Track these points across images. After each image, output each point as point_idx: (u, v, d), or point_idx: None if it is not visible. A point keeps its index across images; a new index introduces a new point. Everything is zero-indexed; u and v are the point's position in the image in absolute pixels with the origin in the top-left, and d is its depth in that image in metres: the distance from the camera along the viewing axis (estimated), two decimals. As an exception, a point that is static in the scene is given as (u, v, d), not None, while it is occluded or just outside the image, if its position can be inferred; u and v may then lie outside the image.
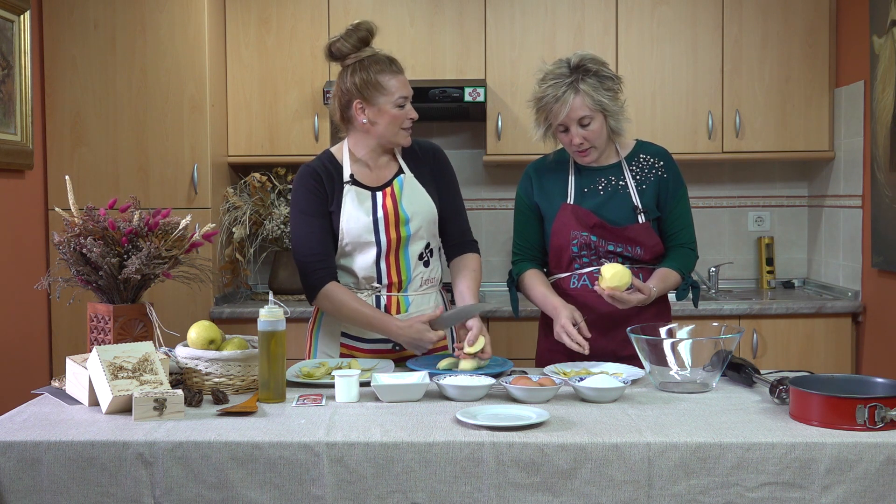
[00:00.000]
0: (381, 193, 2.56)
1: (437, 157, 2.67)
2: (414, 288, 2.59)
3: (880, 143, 3.61)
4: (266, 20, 4.02)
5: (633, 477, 1.77)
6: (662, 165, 2.64)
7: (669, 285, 2.59)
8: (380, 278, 2.56)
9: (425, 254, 2.59)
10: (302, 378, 2.30)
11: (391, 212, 2.53)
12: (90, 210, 2.34)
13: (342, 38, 2.52)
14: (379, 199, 2.55)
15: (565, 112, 2.51)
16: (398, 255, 2.56)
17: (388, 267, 2.56)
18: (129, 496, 1.80)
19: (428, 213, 2.57)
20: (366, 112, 2.52)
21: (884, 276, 3.66)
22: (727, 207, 4.44)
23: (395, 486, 1.78)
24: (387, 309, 2.56)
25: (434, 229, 2.61)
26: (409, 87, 2.56)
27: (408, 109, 2.54)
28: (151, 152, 3.81)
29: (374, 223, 2.53)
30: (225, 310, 3.80)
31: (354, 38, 2.52)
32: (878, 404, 1.81)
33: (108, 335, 2.28)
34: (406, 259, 2.57)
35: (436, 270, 2.65)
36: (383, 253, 2.54)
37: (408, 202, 2.55)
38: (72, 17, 3.77)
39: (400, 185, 2.57)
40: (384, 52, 2.57)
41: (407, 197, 2.56)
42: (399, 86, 2.52)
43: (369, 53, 2.54)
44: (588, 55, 2.55)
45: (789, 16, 4.03)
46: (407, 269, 2.57)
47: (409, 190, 2.57)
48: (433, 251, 2.62)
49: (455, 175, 2.71)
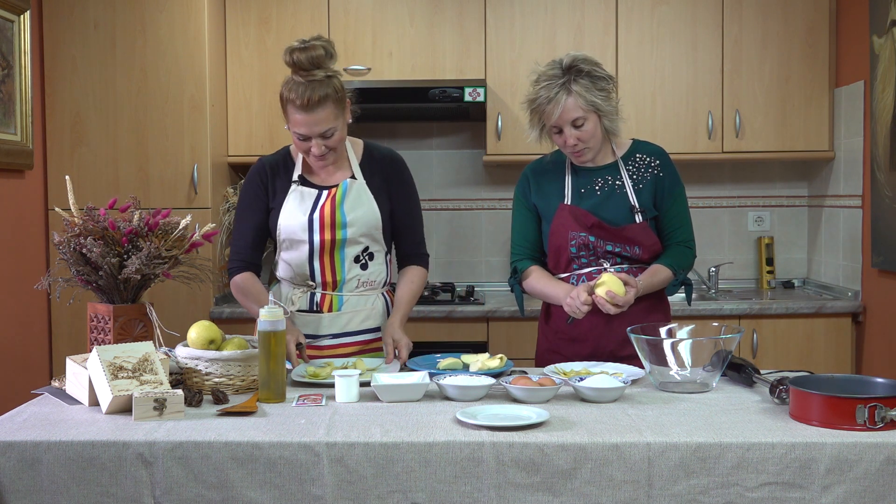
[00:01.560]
0: (326, 193, 2.58)
1: (395, 165, 2.68)
2: (350, 288, 2.62)
3: (880, 143, 3.60)
4: (266, 20, 4.02)
5: (633, 477, 1.77)
6: (659, 164, 2.64)
7: (657, 281, 2.58)
8: (313, 276, 2.61)
9: (363, 257, 2.61)
10: (308, 378, 2.30)
11: (328, 214, 2.56)
12: (90, 210, 2.34)
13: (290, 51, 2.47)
14: (321, 200, 2.57)
15: (558, 113, 2.51)
16: (332, 256, 2.59)
17: (322, 266, 2.59)
18: (129, 496, 1.80)
19: (368, 221, 2.58)
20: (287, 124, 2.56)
21: (884, 276, 3.66)
22: (727, 207, 4.44)
23: (395, 486, 1.78)
24: (320, 306, 2.61)
25: (377, 235, 2.61)
26: (317, 126, 2.46)
27: (307, 145, 2.50)
28: (151, 152, 3.81)
29: (310, 223, 2.56)
30: (225, 310, 3.80)
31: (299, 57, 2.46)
32: (878, 404, 1.81)
33: (108, 335, 2.28)
34: (341, 260, 2.59)
35: (377, 274, 2.65)
36: (316, 252, 2.58)
37: (349, 207, 2.57)
38: (72, 17, 3.77)
39: (344, 189, 2.58)
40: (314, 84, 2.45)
41: (349, 202, 2.57)
42: (296, 122, 2.48)
43: (298, 79, 2.46)
44: (580, 56, 2.55)
45: (789, 16, 4.03)
46: (342, 270, 2.60)
47: (354, 195, 2.58)
48: (374, 255, 2.63)
49: (413, 185, 2.72)
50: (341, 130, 2.53)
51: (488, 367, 2.32)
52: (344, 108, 2.53)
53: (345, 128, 2.56)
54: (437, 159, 4.43)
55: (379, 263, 2.66)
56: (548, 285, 2.63)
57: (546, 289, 2.63)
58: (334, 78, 2.51)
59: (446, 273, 4.43)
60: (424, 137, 4.43)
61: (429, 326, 3.78)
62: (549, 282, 2.63)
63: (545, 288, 2.63)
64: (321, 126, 2.48)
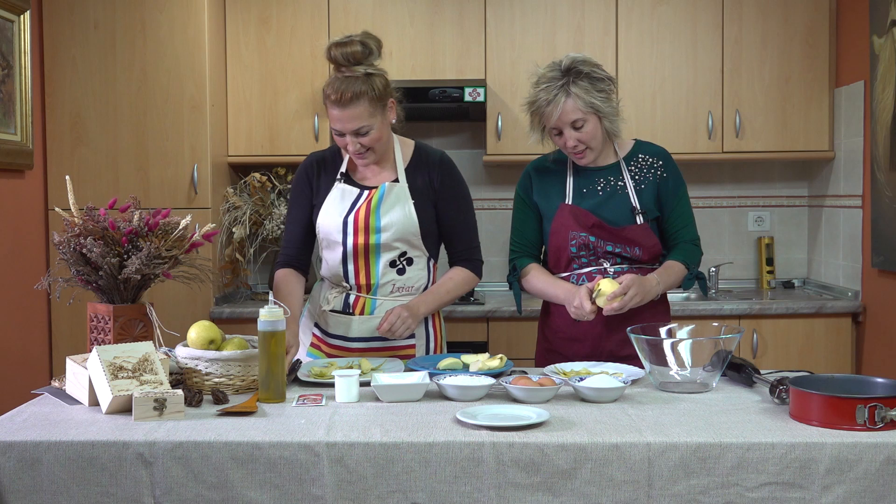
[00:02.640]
0: (366, 195, 2.57)
1: (443, 170, 2.64)
2: (384, 293, 2.60)
3: (880, 143, 3.60)
4: (266, 20, 4.02)
5: (633, 477, 1.77)
6: (661, 165, 2.64)
7: (674, 277, 2.58)
8: (346, 278, 2.60)
9: (399, 262, 2.59)
10: (312, 377, 2.30)
11: (362, 218, 2.54)
12: (90, 210, 2.34)
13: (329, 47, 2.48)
14: (360, 202, 2.56)
15: (557, 115, 2.51)
16: (367, 259, 2.57)
17: (357, 269, 2.58)
18: (129, 496, 1.80)
19: (405, 226, 2.55)
20: None
21: (884, 276, 3.66)
22: (727, 207, 4.44)
23: (395, 486, 1.78)
24: (352, 308, 2.61)
25: (414, 241, 2.58)
26: (351, 123, 2.47)
27: (344, 141, 2.51)
28: (151, 152, 3.81)
29: (343, 225, 2.56)
30: (225, 310, 3.80)
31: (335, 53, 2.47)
32: (878, 404, 1.81)
33: (108, 335, 2.28)
34: (376, 265, 2.58)
35: (416, 280, 2.62)
36: (350, 254, 2.57)
37: (385, 211, 2.55)
38: (72, 17, 3.77)
39: (381, 192, 2.56)
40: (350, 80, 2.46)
41: (386, 206, 2.55)
42: (333, 117, 2.49)
43: (339, 74, 2.48)
44: (580, 57, 2.54)
45: (789, 16, 4.03)
46: (376, 274, 2.58)
47: (392, 199, 2.56)
48: (413, 260, 2.60)
49: (464, 188, 2.67)
50: (378, 130, 2.51)
51: (488, 367, 2.32)
52: (384, 107, 2.52)
53: (385, 127, 2.54)
54: (437, 159, 4.42)
55: (419, 269, 2.62)
56: (548, 284, 2.63)
57: (546, 288, 2.63)
58: (376, 76, 2.49)
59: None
60: (424, 137, 4.43)
61: (429, 326, 3.78)
62: (548, 280, 2.63)
63: (545, 287, 2.63)
64: (355, 123, 2.47)
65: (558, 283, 2.61)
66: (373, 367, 2.39)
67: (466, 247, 2.68)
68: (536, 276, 2.65)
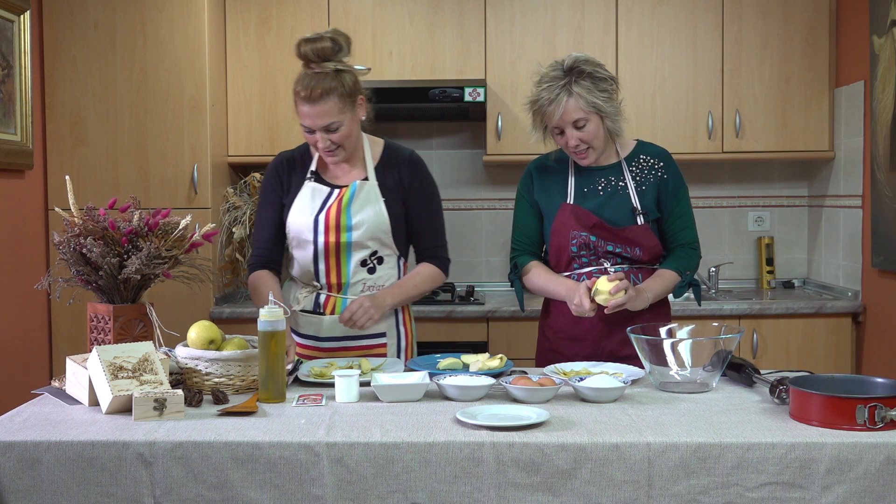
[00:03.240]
0: (337, 193, 2.57)
1: (412, 167, 2.64)
2: (355, 292, 2.60)
3: (880, 143, 3.60)
4: (266, 20, 4.02)
5: (633, 477, 1.77)
6: (662, 166, 2.64)
7: (665, 285, 2.58)
8: (317, 277, 2.60)
9: (370, 261, 2.59)
10: (312, 377, 2.30)
11: (333, 216, 2.55)
12: (90, 210, 2.34)
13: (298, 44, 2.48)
14: (330, 200, 2.57)
15: (559, 114, 2.51)
16: (339, 258, 2.57)
17: (328, 268, 2.58)
18: (129, 496, 1.80)
19: (376, 224, 2.56)
20: None
21: (884, 276, 3.66)
22: (727, 207, 4.44)
23: (395, 486, 1.78)
24: (323, 308, 2.61)
25: (385, 239, 2.59)
26: (321, 119, 2.46)
27: (314, 137, 2.51)
28: (151, 152, 3.81)
29: (315, 224, 2.55)
30: (225, 310, 3.80)
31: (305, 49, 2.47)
32: (878, 404, 1.81)
33: (108, 335, 2.28)
34: (347, 264, 2.58)
35: (386, 278, 2.63)
36: (321, 253, 2.57)
37: (356, 209, 2.55)
38: (72, 17, 3.77)
39: (352, 191, 2.56)
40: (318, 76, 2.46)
41: (357, 204, 2.56)
42: (302, 114, 2.48)
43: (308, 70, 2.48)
44: (582, 56, 2.55)
45: (789, 16, 4.03)
46: (347, 274, 2.58)
47: (363, 197, 2.56)
48: (383, 259, 2.61)
49: (433, 187, 2.69)
50: (348, 126, 2.51)
51: (488, 367, 2.32)
52: (354, 104, 2.51)
53: (355, 124, 2.54)
54: (437, 159, 4.43)
55: (389, 268, 2.63)
56: (549, 281, 2.63)
57: (547, 285, 2.63)
58: (345, 73, 2.49)
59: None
60: (424, 137, 4.43)
61: (429, 326, 3.77)
62: (549, 277, 2.63)
63: (546, 284, 2.63)
64: (325, 119, 2.46)
65: (559, 280, 2.61)
66: (373, 367, 2.39)
67: (434, 244, 2.69)
68: (537, 274, 2.65)
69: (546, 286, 2.63)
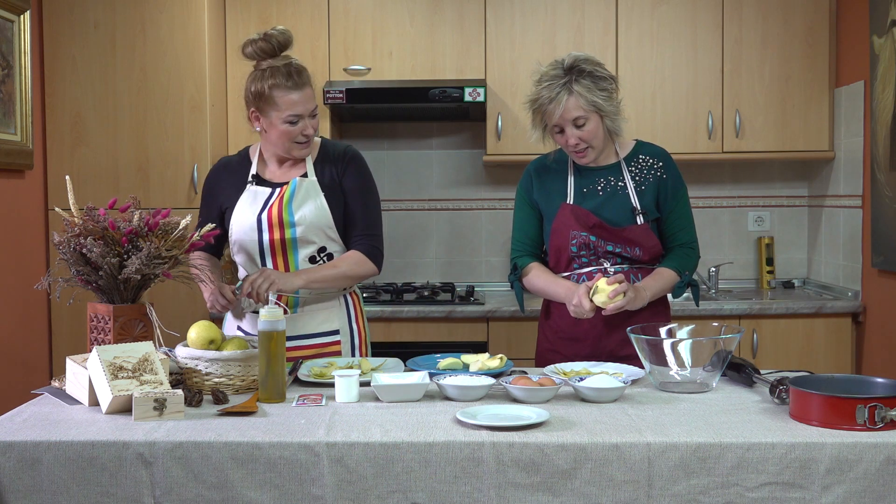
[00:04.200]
0: (277, 192, 2.58)
1: (347, 161, 2.64)
2: (306, 290, 2.58)
3: (880, 143, 3.60)
4: (266, 20, 4.01)
5: (633, 477, 1.77)
6: (662, 166, 2.64)
7: (664, 284, 2.59)
8: None
9: (319, 257, 2.60)
10: (312, 377, 2.30)
11: (276, 213, 2.55)
12: (90, 210, 2.34)
13: (250, 42, 2.50)
14: (272, 199, 2.58)
15: (559, 113, 2.51)
16: (286, 256, 2.58)
17: (275, 267, 2.59)
18: (129, 496, 1.80)
19: (318, 219, 2.56)
20: (260, 121, 2.56)
21: (884, 276, 3.66)
22: (727, 207, 4.44)
23: (395, 486, 1.78)
24: None
25: (331, 234, 2.60)
26: (309, 103, 2.51)
27: (300, 126, 2.52)
28: (151, 152, 3.81)
29: (258, 223, 2.56)
30: (225, 310, 3.80)
31: (263, 45, 2.49)
32: (878, 404, 1.81)
33: (108, 335, 2.28)
34: (294, 260, 2.58)
35: None
36: (267, 252, 2.58)
37: (297, 205, 2.56)
38: (72, 17, 3.77)
39: (293, 188, 2.57)
40: (293, 63, 2.51)
41: (298, 200, 2.56)
42: (290, 103, 2.49)
43: (274, 64, 2.50)
44: (582, 56, 2.55)
45: (789, 16, 4.03)
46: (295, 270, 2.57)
47: (303, 194, 2.57)
48: (332, 255, 2.61)
49: (369, 180, 2.67)
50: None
51: (488, 367, 2.32)
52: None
53: None
54: (437, 159, 4.43)
55: None
56: (548, 283, 2.63)
57: (547, 286, 2.63)
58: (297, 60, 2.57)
59: (446, 273, 4.43)
60: (424, 137, 4.43)
61: (429, 326, 3.78)
62: (549, 279, 2.63)
63: (546, 286, 2.63)
64: (311, 103, 2.53)
65: (559, 282, 2.61)
66: (373, 367, 2.39)
67: (365, 232, 2.64)
68: (537, 275, 2.65)
69: (546, 288, 2.63)
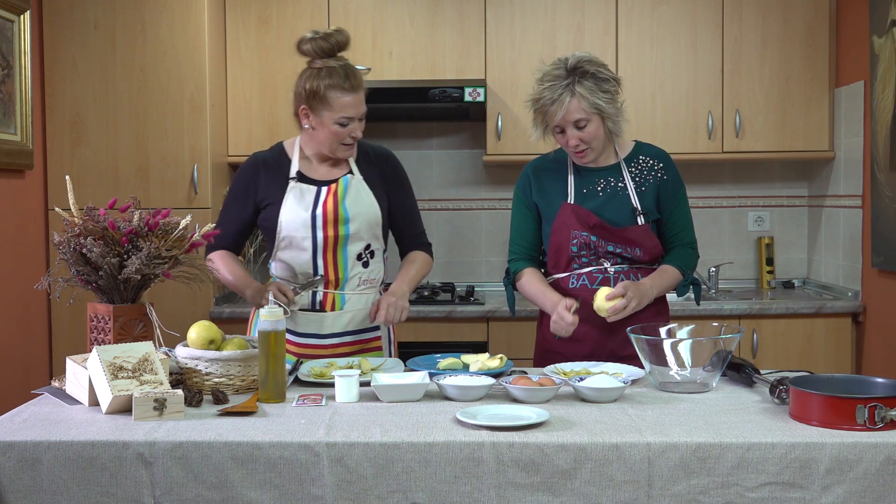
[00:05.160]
0: (326, 190, 2.59)
1: (390, 162, 2.71)
2: (351, 287, 2.62)
3: (880, 143, 3.60)
4: (266, 20, 4.02)
5: (633, 477, 1.77)
6: (662, 167, 2.64)
7: (668, 282, 2.59)
8: (315, 274, 2.60)
9: (365, 254, 2.62)
10: (312, 377, 2.30)
11: (331, 210, 2.56)
12: (90, 210, 2.34)
13: (310, 41, 2.52)
14: (322, 196, 2.58)
15: (561, 114, 2.51)
16: (336, 254, 2.59)
17: (326, 264, 2.59)
18: (129, 496, 1.80)
19: (370, 216, 2.59)
20: (310, 119, 2.56)
21: (884, 276, 3.66)
22: (727, 207, 4.44)
23: (395, 486, 1.78)
24: (322, 305, 2.62)
25: (377, 231, 2.63)
26: (361, 106, 2.54)
27: (350, 128, 2.53)
28: (151, 152, 3.81)
29: (312, 219, 2.57)
30: (225, 310, 3.80)
31: (322, 44, 2.51)
32: (878, 404, 1.81)
33: (108, 335, 2.28)
34: (344, 258, 2.60)
35: (377, 272, 2.67)
36: (319, 250, 2.58)
37: (350, 202, 2.58)
38: (72, 17, 3.77)
39: (345, 184, 2.59)
40: (349, 66, 2.54)
41: (350, 197, 2.58)
42: (344, 105, 2.50)
43: (331, 64, 2.51)
44: (586, 56, 2.55)
45: (789, 16, 4.03)
46: (344, 268, 2.60)
47: (354, 191, 2.59)
48: (374, 253, 2.64)
49: (408, 180, 2.74)
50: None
51: (488, 367, 2.32)
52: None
53: None
54: (436, 159, 4.43)
55: (378, 262, 2.67)
56: (538, 292, 2.62)
57: (536, 296, 2.63)
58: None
59: (446, 273, 4.43)
60: (424, 137, 4.43)
61: (429, 326, 3.78)
62: (539, 288, 2.62)
63: (535, 295, 2.63)
64: (363, 107, 2.54)
65: (546, 294, 2.60)
66: (373, 367, 2.39)
67: (418, 231, 2.76)
68: (529, 282, 2.65)
69: (535, 297, 2.64)
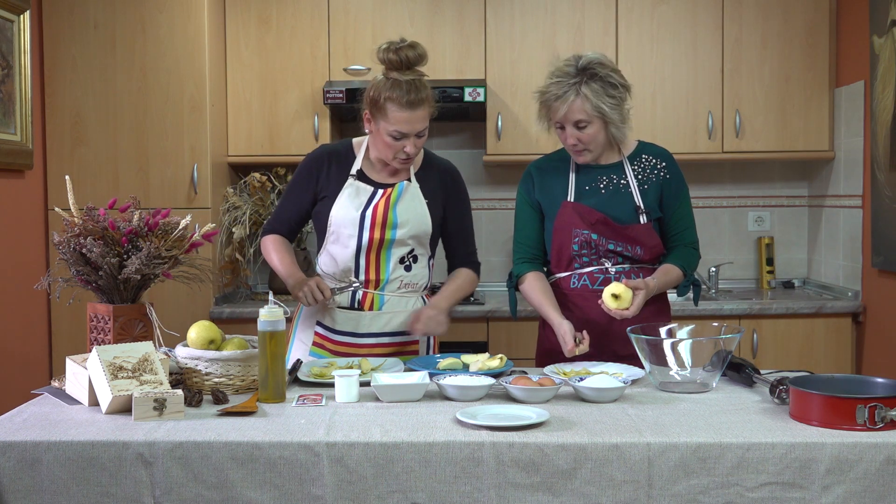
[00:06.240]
0: (381, 192, 2.60)
1: (453, 177, 2.72)
2: (392, 289, 2.63)
3: (880, 143, 3.60)
4: (266, 20, 4.02)
5: (633, 477, 1.77)
6: (665, 167, 2.64)
7: (670, 280, 2.59)
8: (357, 273, 2.61)
9: (408, 259, 2.63)
10: (312, 377, 2.30)
11: (381, 213, 2.57)
12: (90, 210, 2.34)
13: (383, 51, 2.50)
14: (376, 198, 2.59)
15: (563, 111, 2.51)
16: (378, 255, 2.60)
17: (367, 264, 2.61)
18: (129, 496, 1.80)
19: (419, 225, 2.61)
20: (370, 124, 2.57)
21: (884, 276, 3.66)
22: (727, 207, 4.44)
23: (395, 486, 1.78)
24: (361, 304, 2.63)
25: (424, 240, 2.64)
26: (418, 124, 2.50)
27: (403, 143, 2.52)
28: (151, 152, 3.81)
29: (361, 219, 2.58)
30: (225, 310, 3.80)
31: (392, 57, 2.49)
32: (878, 404, 1.81)
33: (108, 335, 2.28)
34: (387, 260, 2.61)
35: (420, 277, 2.67)
36: (363, 249, 2.59)
37: (402, 209, 2.59)
38: (72, 17, 3.77)
39: (400, 190, 2.60)
40: (417, 82, 2.49)
41: (403, 204, 2.59)
42: (399, 120, 2.48)
43: (400, 77, 2.49)
44: (598, 59, 2.52)
45: (789, 16, 4.03)
46: (386, 270, 2.61)
47: (408, 198, 2.60)
48: (418, 258, 2.65)
49: (468, 199, 2.75)
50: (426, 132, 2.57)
51: (488, 367, 2.32)
52: (434, 109, 2.56)
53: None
54: (437, 159, 4.42)
55: (422, 267, 2.67)
56: (540, 303, 2.60)
57: (539, 307, 2.62)
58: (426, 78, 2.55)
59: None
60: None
61: (429, 326, 3.77)
62: (541, 298, 2.60)
63: (538, 305, 2.62)
64: (420, 125, 2.51)
65: (549, 312, 2.56)
66: (373, 367, 2.39)
67: (469, 250, 2.77)
68: (531, 288, 2.64)
69: (538, 307, 2.63)
